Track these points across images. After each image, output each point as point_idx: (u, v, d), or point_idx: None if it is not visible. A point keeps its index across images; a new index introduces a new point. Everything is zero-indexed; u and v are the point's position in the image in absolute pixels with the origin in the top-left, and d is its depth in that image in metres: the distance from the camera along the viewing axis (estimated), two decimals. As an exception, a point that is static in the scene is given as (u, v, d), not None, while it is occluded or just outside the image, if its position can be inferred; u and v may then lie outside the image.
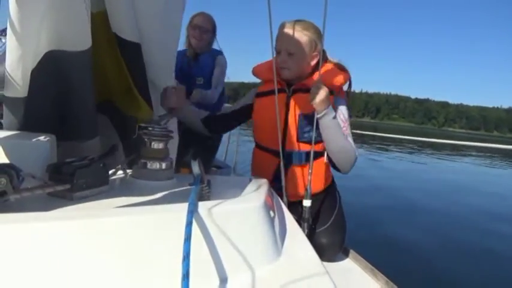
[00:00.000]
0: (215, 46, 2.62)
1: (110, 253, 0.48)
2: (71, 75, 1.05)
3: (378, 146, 15.15)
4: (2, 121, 1.07)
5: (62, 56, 1.01)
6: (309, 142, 1.42)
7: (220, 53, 2.58)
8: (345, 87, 1.58)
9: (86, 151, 1.06)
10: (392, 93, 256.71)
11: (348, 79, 1.52)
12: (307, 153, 1.44)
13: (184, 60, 2.50)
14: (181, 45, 2.57)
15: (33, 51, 0.97)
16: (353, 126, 1.55)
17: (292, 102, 1.48)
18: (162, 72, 1.31)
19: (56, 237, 0.45)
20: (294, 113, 1.47)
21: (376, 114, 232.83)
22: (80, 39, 1.02)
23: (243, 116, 1.63)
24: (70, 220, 0.48)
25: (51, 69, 1.01)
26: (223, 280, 0.53)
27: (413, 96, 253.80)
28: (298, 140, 1.46)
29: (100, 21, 1.12)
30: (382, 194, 5.52)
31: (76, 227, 0.47)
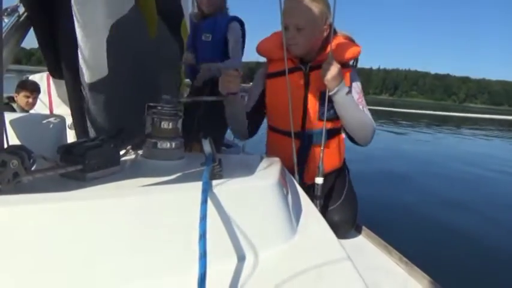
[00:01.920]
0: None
1: (124, 233, 0.47)
2: None
3: (394, 122, 14.91)
4: None
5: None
6: (330, 120, 1.39)
7: (235, 18, 2.24)
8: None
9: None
10: (412, 69, 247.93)
11: (359, 52, 1.47)
12: (329, 131, 1.42)
13: (190, 20, 2.34)
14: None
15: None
16: (369, 103, 1.51)
17: (311, 80, 1.43)
18: None
19: (70, 218, 0.45)
20: (314, 92, 1.42)
21: (394, 91, 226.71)
22: None
23: (264, 104, 1.53)
24: (84, 200, 0.47)
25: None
26: (240, 258, 0.53)
27: (433, 72, 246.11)
28: (319, 119, 1.41)
29: None
30: (394, 171, 5.48)
31: (90, 207, 0.47)
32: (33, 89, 3.05)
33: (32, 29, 1.03)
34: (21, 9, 1.18)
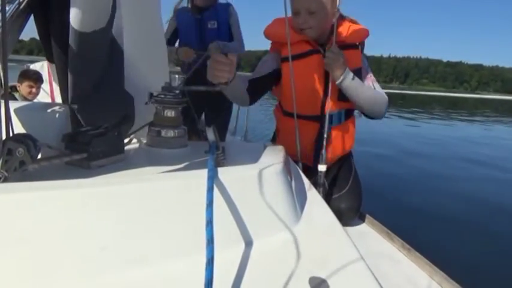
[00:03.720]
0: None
1: (131, 220, 0.47)
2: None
3: (402, 110, 14.78)
4: None
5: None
6: (346, 100, 1.41)
7: (230, 4, 2.37)
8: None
9: None
10: (423, 56, 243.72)
11: (368, 33, 1.47)
12: (347, 111, 1.45)
13: (188, 15, 2.30)
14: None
15: None
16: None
17: None
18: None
19: (77, 205, 0.45)
20: None
21: (405, 79, 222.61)
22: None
23: (273, 81, 1.47)
24: (90, 187, 0.48)
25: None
26: (247, 244, 0.53)
27: (445, 60, 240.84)
28: (339, 99, 1.41)
29: None
30: (399, 160, 5.48)
31: (96, 194, 0.47)
32: (37, 79, 3.04)
33: (32, 16, 1.02)
34: (21, -3, 1.17)
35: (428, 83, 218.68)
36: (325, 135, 1.34)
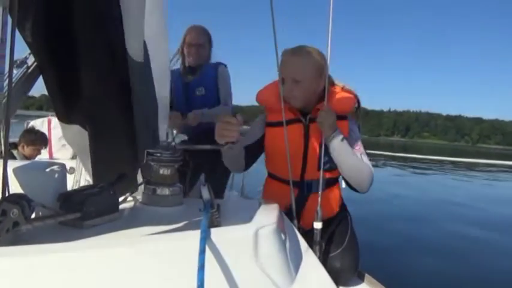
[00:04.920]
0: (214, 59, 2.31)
1: (122, 282, 0.47)
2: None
3: (401, 166, 14.75)
4: None
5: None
6: (330, 170, 1.41)
7: (221, 63, 2.28)
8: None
9: None
10: (423, 110, 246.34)
11: (356, 102, 1.52)
12: (328, 181, 1.44)
13: (179, 78, 2.25)
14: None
15: None
16: (380, 146, 1.52)
17: (311, 131, 1.45)
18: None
19: (68, 268, 0.45)
20: (315, 142, 1.44)
21: (406, 133, 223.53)
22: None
23: (262, 147, 1.52)
24: (81, 250, 0.47)
25: None
26: None
27: (444, 113, 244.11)
28: (318, 169, 1.41)
29: None
30: (397, 217, 5.40)
31: (87, 257, 0.47)
32: (41, 144, 3.07)
33: (41, 77, 1.08)
34: (30, 61, 1.24)
35: (429, 136, 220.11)
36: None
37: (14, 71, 1.15)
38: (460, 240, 4.38)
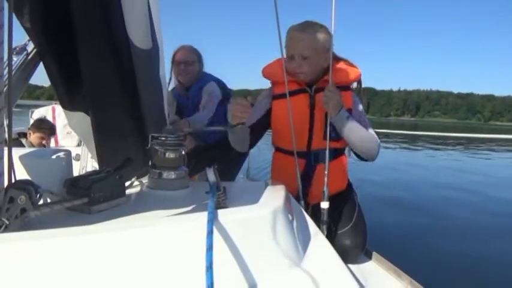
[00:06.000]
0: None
1: (131, 265, 0.47)
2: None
3: (408, 143, 14.61)
4: None
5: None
6: (334, 140, 1.43)
7: (208, 80, 2.39)
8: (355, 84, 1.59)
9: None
10: (433, 89, 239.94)
11: (360, 74, 1.54)
12: (333, 151, 1.46)
13: (181, 98, 2.39)
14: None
15: None
16: (390, 125, 1.54)
17: (317, 102, 1.47)
18: None
19: (78, 252, 0.45)
20: (320, 112, 1.46)
21: (416, 112, 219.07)
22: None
23: (268, 121, 1.55)
24: (90, 234, 0.48)
25: None
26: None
27: (455, 91, 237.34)
28: (325, 139, 1.43)
29: None
30: (404, 193, 5.40)
31: (96, 240, 0.47)
32: (50, 133, 3.08)
33: (41, 64, 1.06)
34: (30, 48, 1.22)
35: (440, 114, 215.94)
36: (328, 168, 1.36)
37: (14, 58, 1.14)
38: (467, 221, 4.36)
